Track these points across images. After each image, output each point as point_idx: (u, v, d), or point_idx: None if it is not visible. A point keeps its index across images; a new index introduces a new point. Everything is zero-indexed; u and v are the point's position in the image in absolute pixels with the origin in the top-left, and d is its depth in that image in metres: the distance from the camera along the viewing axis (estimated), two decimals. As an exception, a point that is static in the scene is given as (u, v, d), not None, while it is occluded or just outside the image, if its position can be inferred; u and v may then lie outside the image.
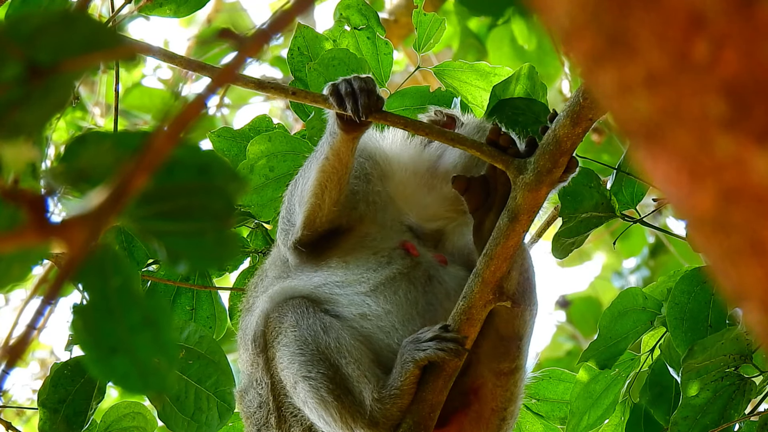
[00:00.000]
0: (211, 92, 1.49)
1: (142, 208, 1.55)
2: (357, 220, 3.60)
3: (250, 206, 4.09)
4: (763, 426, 3.72)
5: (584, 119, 3.17)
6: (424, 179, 3.70)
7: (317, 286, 3.51)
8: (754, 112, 1.24)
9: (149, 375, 1.56)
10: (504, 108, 3.89)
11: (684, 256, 7.42)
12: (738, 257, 1.29)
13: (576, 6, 1.30)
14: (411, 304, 3.47)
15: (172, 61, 3.64)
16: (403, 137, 3.79)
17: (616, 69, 1.29)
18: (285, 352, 3.40)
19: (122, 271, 1.57)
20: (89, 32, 1.53)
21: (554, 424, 4.19)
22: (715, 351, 3.66)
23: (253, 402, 3.55)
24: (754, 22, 1.24)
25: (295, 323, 3.40)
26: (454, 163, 3.68)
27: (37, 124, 1.56)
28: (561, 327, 8.43)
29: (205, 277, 4.24)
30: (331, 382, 3.34)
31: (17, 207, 1.48)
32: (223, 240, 1.58)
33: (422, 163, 3.73)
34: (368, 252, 3.55)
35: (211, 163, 1.56)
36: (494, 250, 3.28)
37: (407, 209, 3.67)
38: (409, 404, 3.34)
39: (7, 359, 1.50)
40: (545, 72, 6.80)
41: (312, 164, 3.51)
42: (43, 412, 3.94)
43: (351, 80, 3.30)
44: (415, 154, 3.75)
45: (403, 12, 7.56)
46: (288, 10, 1.52)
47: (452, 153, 3.70)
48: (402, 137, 3.79)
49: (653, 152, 1.31)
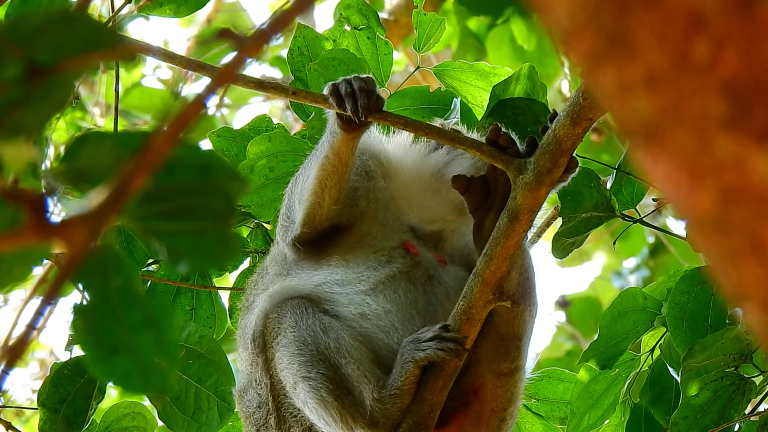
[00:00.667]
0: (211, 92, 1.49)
1: (142, 208, 1.55)
2: (357, 218, 3.60)
3: (250, 206, 4.09)
4: (763, 426, 3.72)
5: (584, 119, 3.17)
6: (429, 183, 3.71)
7: (317, 285, 3.50)
8: (754, 112, 1.24)
9: (150, 375, 1.56)
10: (504, 108, 3.89)
11: (684, 256, 7.42)
12: (738, 257, 1.29)
13: (576, 6, 1.30)
14: (411, 303, 3.47)
15: (172, 61, 3.65)
16: (407, 141, 3.80)
17: (616, 69, 1.29)
18: (284, 353, 3.40)
19: (123, 271, 1.57)
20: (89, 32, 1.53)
21: (554, 424, 4.19)
22: (715, 351, 3.66)
23: (252, 402, 3.55)
24: (754, 22, 1.24)
25: (294, 324, 3.40)
26: (462, 171, 3.68)
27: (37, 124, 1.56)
28: (561, 327, 8.43)
29: (205, 277, 4.24)
30: (330, 383, 3.34)
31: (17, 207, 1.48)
32: (224, 240, 1.58)
33: (427, 168, 3.73)
34: (368, 250, 3.55)
35: (211, 162, 1.56)
36: (494, 250, 3.28)
37: (409, 210, 3.67)
38: (409, 404, 3.34)
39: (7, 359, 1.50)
40: (545, 72, 6.80)
41: (312, 162, 3.51)
42: (43, 412, 3.94)
43: (351, 80, 3.30)
44: (419, 158, 3.75)
45: (403, 12, 7.56)
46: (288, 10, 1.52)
47: (461, 162, 3.70)
48: (406, 141, 3.80)
49: (653, 152, 1.31)
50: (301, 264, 3.58)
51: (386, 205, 3.66)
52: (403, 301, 3.47)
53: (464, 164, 3.69)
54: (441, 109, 4.12)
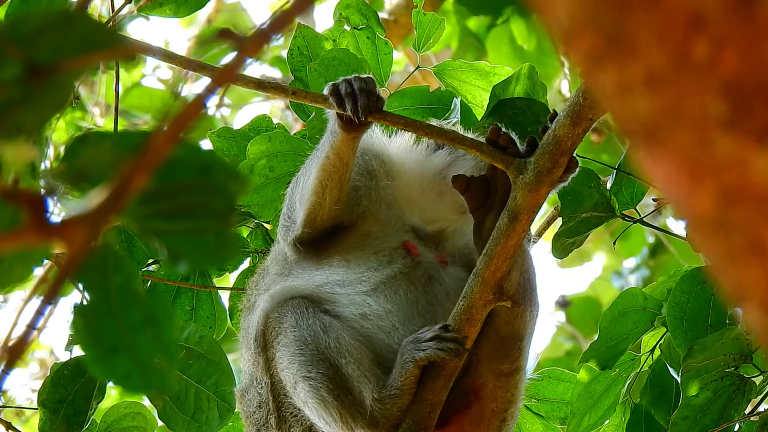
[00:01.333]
0: (211, 92, 1.49)
1: (142, 208, 1.55)
2: (359, 217, 3.60)
3: (250, 206, 4.09)
4: (763, 426, 3.72)
5: (584, 119, 3.17)
6: (431, 184, 3.71)
7: (318, 285, 3.51)
8: (754, 112, 1.24)
9: (150, 375, 1.56)
10: (504, 108, 3.89)
11: (684, 256, 7.42)
12: (738, 257, 1.29)
13: (576, 6, 1.30)
14: (411, 303, 3.47)
15: (172, 61, 3.64)
16: (409, 142, 3.80)
17: (616, 69, 1.29)
18: (285, 353, 3.40)
19: (123, 271, 1.57)
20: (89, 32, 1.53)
21: (554, 424, 4.19)
22: (715, 351, 3.66)
23: (252, 401, 3.55)
24: (754, 23, 1.24)
25: (295, 323, 3.40)
26: (464, 172, 3.68)
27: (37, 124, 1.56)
28: (561, 327, 8.43)
29: (205, 277, 4.24)
30: (331, 382, 3.34)
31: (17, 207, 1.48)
32: (224, 239, 1.58)
33: (429, 169, 3.73)
34: (369, 251, 3.55)
35: (211, 162, 1.56)
36: (494, 250, 3.28)
37: (410, 210, 3.68)
38: (409, 404, 3.34)
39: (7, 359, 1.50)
40: (545, 72, 6.79)
41: (313, 162, 3.51)
42: (43, 412, 3.94)
43: (351, 80, 3.30)
44: (420, 159, 3.76)
45: (403, 12, 7.56)
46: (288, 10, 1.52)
47: (463, 163, 3.70)
48: (408, 142, 3.80)
49: (653, 152, 1.31)
50: (302, 264, 3.58)
51: (388, 204, 3.66)
52: (404, 301, 3.47)
53: (466, 165, 3.69)
54: (441, 109, 4.12)
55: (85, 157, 1.56)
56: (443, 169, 3.72)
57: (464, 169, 3.67)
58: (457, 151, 3.72)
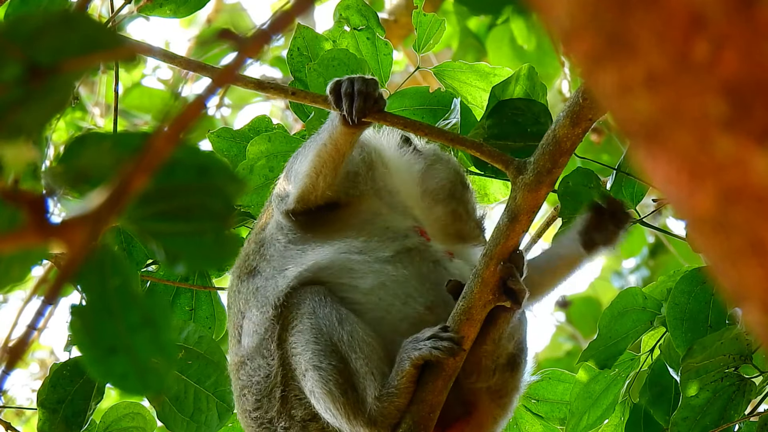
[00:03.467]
0: (211, 93, 1.49)
1: (140, 209, 1.54)
2: (365, 196, 3.61)
3: (250, 206, 4.09)
4: (763, 426, 3.71)
5: (584, 119, 3.17)
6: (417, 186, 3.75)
7: (336, 253, 3.50)
8: (754, 112, 1.24)
9: (148, 375, 1.56)
10: (503, 109, 3.89)
11: (684, 256, 7.42)
12: (738, 257, 1.29)
13: (576, 6, 1.30)
14: (424, 276, 3.49)
15: (172, 62, 3.65)
16: (397, 147, 3.81)
17: (616, 69, 1.29)
18: (300, 338, 3.41)
19: (121, 272, 1.57)
20: (89, 32, 1.52)
21: (554, 424, 4.19)
22: (714, 351, 3.66)
23: (259, 371, 3.51)
24: (754, 23, 1.24)
25: (312, 311, 3.41)
26: (440, 182, 3.73)
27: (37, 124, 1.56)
28: (561, 327, 8.43)
29: (205, 278, 4.24)
30: (340, 376, 3.35)
31: (17, 207, 1.48)
32: (223, 240, 1.57)
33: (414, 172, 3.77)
34: (383, 225, 3.58)
35: (210, 163, 1.56)
36: (494, 250, 3.28)
37: (412, 204, 3.71)
38: (408, 404, 3.34)
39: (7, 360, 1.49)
40: (545, 72, 6.79)
41: (312, 145, 3.52)
42: (42, 412, 3.93)
43: (354, 80, 3.31)
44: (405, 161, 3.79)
45: (403, 12, 7.56)
46: (288, 10, 1.52)
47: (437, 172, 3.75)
48: (396, 146, 3.81)
49: (653, 152, 1.31)
50: (317, 238, 3.57)
51: (391, 192, 3.68)
52: (419, 272, 3.49)
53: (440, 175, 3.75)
54: (441, 109, 4.12)
55: (85, 157, 1.56)
56: (421, 180, 3.76)
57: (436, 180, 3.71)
58: (427, 158, 3.76)
